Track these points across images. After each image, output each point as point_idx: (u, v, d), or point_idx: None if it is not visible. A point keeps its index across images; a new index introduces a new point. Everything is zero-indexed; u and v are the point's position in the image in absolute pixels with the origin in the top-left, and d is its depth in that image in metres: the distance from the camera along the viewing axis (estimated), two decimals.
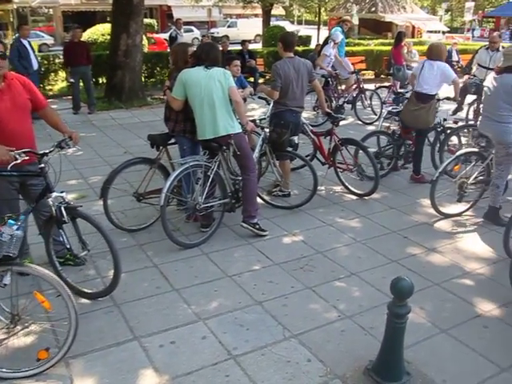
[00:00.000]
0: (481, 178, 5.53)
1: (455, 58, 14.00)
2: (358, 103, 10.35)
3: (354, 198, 6.01)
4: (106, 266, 4.14)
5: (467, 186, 5.45)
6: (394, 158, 6.69)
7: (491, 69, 8.21)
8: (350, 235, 5.01)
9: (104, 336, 3.40)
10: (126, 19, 11.27)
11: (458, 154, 5.52)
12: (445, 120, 6.82)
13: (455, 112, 6.70)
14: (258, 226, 4.88)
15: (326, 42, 10.03)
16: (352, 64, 11.16)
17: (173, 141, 5.01)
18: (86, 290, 3.84)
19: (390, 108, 7.38)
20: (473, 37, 30.96)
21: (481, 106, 6.28)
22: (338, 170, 6.10)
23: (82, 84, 10.71)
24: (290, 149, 5.64)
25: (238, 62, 6.20)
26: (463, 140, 7.07)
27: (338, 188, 6.24)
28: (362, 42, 20.89)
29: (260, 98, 6.24)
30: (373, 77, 16.56)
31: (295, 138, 5.61)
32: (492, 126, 5.08)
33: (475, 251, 4.74)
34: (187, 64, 4.86)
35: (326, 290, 3.99)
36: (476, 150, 5.71)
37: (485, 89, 5.25)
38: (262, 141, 5.58)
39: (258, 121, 5.57)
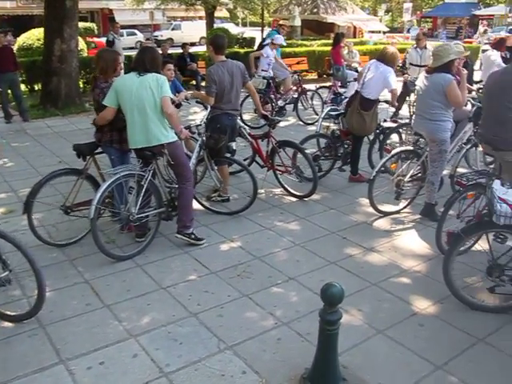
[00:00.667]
0: (418, 175, 5.61)
1: None
2: (300, 104, 10.37)
3: (294, 199, 5.97)
4: (32, 285, 3.86)
5: (404, 183, 5.52)
6: (332, 160, 6.69)
7: (423, 66, 8.41)
8: (289, 238, 4.95)
9: (28, 361, 3.19)
10: (59, 24, 10.90)
11: (393, 152, 5.58)
12: (385, 121, 6.89)
13: (394, 115, 6.81)
14: (193, 236, 4.74)
15: (262, 44, 10.00)
16: (289, 65, 11.18)
17: (100, 150, 4.81)
18: (8, 313, 3.61)
19: (328, 109, 7.40)
20: (411, 36, 31.79)
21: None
22: (277, 172, 6.06)
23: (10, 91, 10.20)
24: (228, 154, 5.54)
25: (171, 66, 6.04)
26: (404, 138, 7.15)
27: (278, 190, 6.19)
28: (304, 42, 21.06)
29: (198, 102, 6.11)
30: (316, 77, 16.75)
31: (233, 144, 5.52)
32: (425, 124, 5.16)
33: (412, 248, 4.79)
34: (116, 72, 4.70)
35: (263, 297, 3.91)
36: (411, 148, 5.79)
37: (417, 88, 5.33)
38: (199, 147, 5.45)
39: (193, 127, 5.44)
